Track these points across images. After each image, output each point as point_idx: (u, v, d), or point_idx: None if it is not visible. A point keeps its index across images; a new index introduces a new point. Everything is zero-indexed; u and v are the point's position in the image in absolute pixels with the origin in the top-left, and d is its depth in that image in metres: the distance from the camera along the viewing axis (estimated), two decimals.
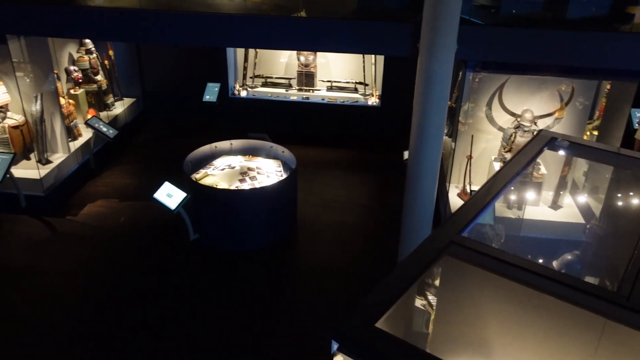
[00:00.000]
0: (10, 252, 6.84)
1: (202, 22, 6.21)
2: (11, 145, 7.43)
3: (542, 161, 6.85)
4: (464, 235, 2.67)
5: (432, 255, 2.51)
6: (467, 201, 3.05)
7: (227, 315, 5.92)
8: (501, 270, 2.50)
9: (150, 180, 8.19)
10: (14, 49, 7.11)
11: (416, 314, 3.30)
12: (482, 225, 5.35)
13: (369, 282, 6.32)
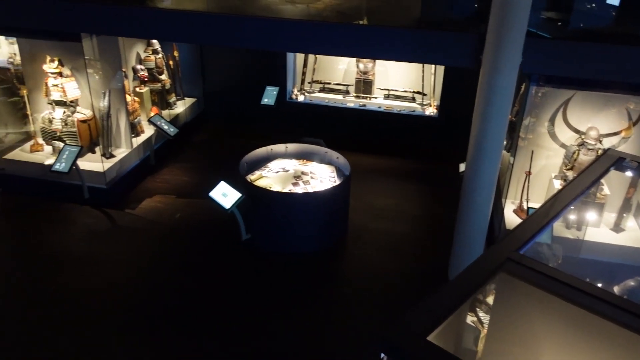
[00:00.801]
0: (72, 240, 7.16)
1: (264, 26, 6.33)
2: (79, 139, 7.78)
3: (606, 181, 6.59)
4: (521, 253, 2.61)
5: (488, 271, 2.46)
6: (526, 218, 2.98)
7: (273, 316, 5.98)
8: (559, 291, 2.42)
9: (206, 178, 8.38)
10: (87, 47, 7.44)
11: (466, 330, 3.24)
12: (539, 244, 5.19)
13: (418, 293, 6.27)
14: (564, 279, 2.45)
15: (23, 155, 8.11)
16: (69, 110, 7.75)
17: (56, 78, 7.58)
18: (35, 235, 7.24)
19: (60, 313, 5.93)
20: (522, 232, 2.80)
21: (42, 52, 7.61)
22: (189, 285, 6.43)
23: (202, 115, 10.59)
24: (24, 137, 8.49)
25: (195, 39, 7.45)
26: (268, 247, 7.01)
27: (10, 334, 5.65)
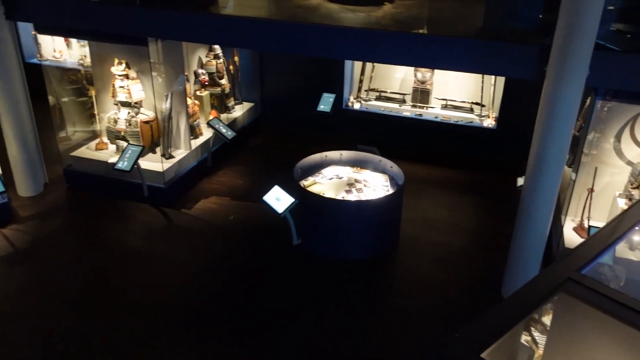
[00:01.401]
0: (130, 236, 7.42)
1: (324, 34, 6.38)
2: (141, 139, 8.06)
3: None
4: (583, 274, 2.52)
5: (546, 289, 2.38)
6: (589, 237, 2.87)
7: (320, 321, 5.99)
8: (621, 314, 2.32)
9: (261, 182, 8.51)
10: (152, 51, 7.71)
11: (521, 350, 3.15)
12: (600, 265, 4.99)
13: (469, 308, 6.14)
14: (626, 302, 2.35)
15: (89, 153, 8.48)
16: (133, 111, 8.05)
17: (123, 80, 7.89)
18: (97, 229, 7.55)
19: (114, 306, 6.15)
20: (584, 251, 2.70)
21: (111, 54, 7.94)
22: (239, 285, 6.54)
23: (259, 119, 10.77)
24: (90, 136, 8.89)
25: (256, 45, 7.60)
26: (318, 253, 7.04)
27: (65, 323, 5.91)
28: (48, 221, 7.66)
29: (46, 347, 5.61)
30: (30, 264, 6.84)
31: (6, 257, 6.91)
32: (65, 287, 6.45)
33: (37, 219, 7.67)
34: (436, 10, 7.33)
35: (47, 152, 8.62)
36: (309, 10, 7.50)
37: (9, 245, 7.12)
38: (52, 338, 5.71)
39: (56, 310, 6.08)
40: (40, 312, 6.07)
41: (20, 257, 6.95)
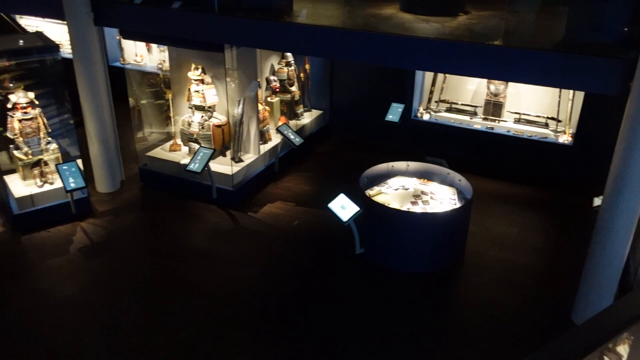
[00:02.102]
0: (198, 235, 7.65)
1: (396, 43, 6.35)
2: (212, 142, 8.31)
3: None
4: None
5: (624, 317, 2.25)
6: None
7: (376, 332, 5.93)
8: None
9: (326, 189, 8.56)
10: (227, 57, 7.94)
11: None
12: None
13: (537, 331, 5.90)
14: None
15: (163, 154, 8.82)
16: (207, 115, 8.32)
17: (198, 85, 8.18)
18: (167, 227, 7.83)
19: (179, 302, 6.35)
20: None
21: (188, 60, 8.25)
22: (300, 290, 6.59)
23: (326, 127, 10.84)
24: (165, 137, 9.26)
25: (328, 54, 7.67)
26: (381, 263, 6.98)
27: (132, 316, 6.15)
28: (123, 217, 8.03)
29: (112, 338, 5.87)
30: (104, 256, 7.19)
31: (83, 248, 7.30)
32: (134, 281, 6.73)
33: (112, 215, 8.05)
34: (514, 22, 7.13)
35: (125, 151, 9.06)
36: (382, 19, 7.50)
37: (86, 238, 7.52)
38: (119, 329, 5.96)
39: (125, 303, 6.36)
40: (110, 303, 6.36)
41: (95, 250, 7.32)
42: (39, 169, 7.77)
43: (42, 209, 7.68)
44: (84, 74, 7.83)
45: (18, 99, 7.43)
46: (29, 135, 7.61)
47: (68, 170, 7.49)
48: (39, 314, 6.15)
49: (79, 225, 7.77)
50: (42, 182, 7.79)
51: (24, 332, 5.90)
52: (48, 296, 6.43)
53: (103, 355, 5.65)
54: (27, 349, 5.67)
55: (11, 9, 9.92)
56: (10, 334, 5.88)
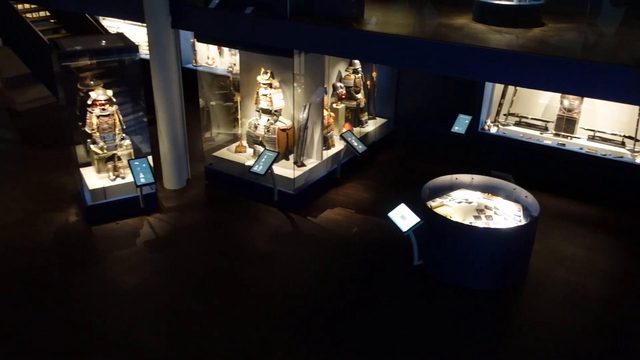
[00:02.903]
0: (258, 237, 7.77)
1: (466, 54, 6.24)
2: (277, 145, 8.44)
3: None
4: None
5: None
6: None
7: (433, 348, 5.82)
8: None
9: (387, 198, 8.51)
10: (296, 62, 8.05)
11: None
12: None
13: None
14: None
15: (228, 155, 9.04)
16: (272, 119, 8.46)
17: (266, 88, 8.34)
18: (229, 226, 8.01)
19: (235, 301, 6.47)
20: None
21: (258, 64, 8.43)
22: (354, 297, 6.56)
23: (390, 136, 10.78)
24: (231, 139, 9.49)
25: (396, 63, 7.63)
26: (439, 277, 6.86)
27: (190, 310, 6.32)
28: (187, 214, 8.29)
29: (170, 331, 6.04)
30: (167, 250, 7.44)
31: (148, 242, 7.58)
32: (195, 276, 6.92)
33: (178, 211, 8.32)
34: (593, 36, 6.85)
35: (193, 150, 9.36)
36: (453, 29, 7.40)
37: (152, 232, 7.80)
38: (177, 323, 6.14)
39: (184, 297, 6.55)
40: (170, 296, 6.56)
41: (160, 244, 7.58)
42: (112, 163, 8.14)
43: (112, 202, 8.05)
44: (159, 74, 8.16)
45: (97, 96, 7.82)
46: (105, 131, 8.00)
47: (139, 166, 7.81)
48: (103, 302, 6.44)
49: (146, 219, 8.08)
50: (115, 176, 8.16)
51: (88, 318, 6.19)
52: (113, 285, 6.71)
53: (160, 347, 5.83)
54: (88, 336, 5.94)
55: (96, 11, 10.48)
56: (74, 319, 6.18)
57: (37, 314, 6.23)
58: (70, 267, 7.05)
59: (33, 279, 6.80)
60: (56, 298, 6.49)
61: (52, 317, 6.18)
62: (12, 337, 5.89)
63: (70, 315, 6.22)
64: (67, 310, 6.31)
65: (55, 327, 6.04)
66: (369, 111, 10.40)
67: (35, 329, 6.00)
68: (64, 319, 6.17)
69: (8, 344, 5.80)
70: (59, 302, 6.43)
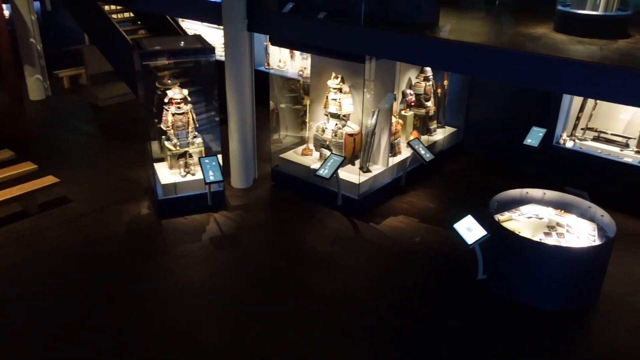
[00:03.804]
0: (320, 240, 7.81)
1: (544, 64, 6.02)
2: (343, 150, 8.46)
3: None
4: None
5: None
6: None
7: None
8: None
9: (452, 209, 8.35)
10: (367, 68, 8.04)
11: None
12: None
13: None
14: None
15: (295, 157, 9.15)
16: (340, 123, 8.48)
17: (336, 93, 8.38)
18: (291, 227, 8.10)
19: (291, 302, 6.52)
20: None
21: (329, 68, 8.48)
22: (412, 308, 6.46)
23: (459, 145, 10.57)
24: (298, 141, 9.60)
25: (469, 71, 7.46)
26: (503, 293, 6.64)
27: (251, 307, 6.42)
28: (252, 213, 8.45)
29: (228, 326, 6.16)
30: (232, 248, 7.61)
31: (214, 238, 7.78)
32: (256, 275, 7.03)
33: (243, 210, 8.50)
34: None
35: (260, 151, 9.53)
36: (531, 39, 7.16)
37: (218, 229, 8.01)
38: (236, 319, 6.26)
39: (245, 294, 6.67)
40: (232, 293, 6.70)
41: (225, 241, 7.77)
42: (184, 160, 8.43)
43: (182, 197, 8.32)
44: (233, 75, 8.38)
45: (174, 95, 8.13)
46: (179, 129, 8.29)
47: (209, 163, 8.04)
48: (167, 294, 6.66)
49: (213, 216, 8.30)
50: (185, 173, 8.44)
51: (151, 308, 6.42)
52: (177, 278, 6.94)
53: (219, 341, 5.96)
54: (150, 325, 6.16)
55: (177, 13, 10.91)
56: (138, 308, 6.43)
57: (106, 298, 6.53)
58: (140, 257, 7.35)
59: (105, 266, 7.15)
60: (125, 286, 6.78)
61: (120, 303, 6.46)
62: (84, 317, 6.20)
63: (137, 303, 6.48)
64: (135, 297, 6.58)
65: (122, 312, 6.31)
66: (438, 119, 10.24)
67: (104, 312, 6.29)
68: (132, 305, 6.44)
69: (79, 323, 6.12)
70: (128, 289, 6.71)
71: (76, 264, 7.17)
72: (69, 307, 6.39)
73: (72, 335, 5.96)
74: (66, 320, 6.17)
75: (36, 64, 12.72)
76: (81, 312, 6.31)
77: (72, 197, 8.74)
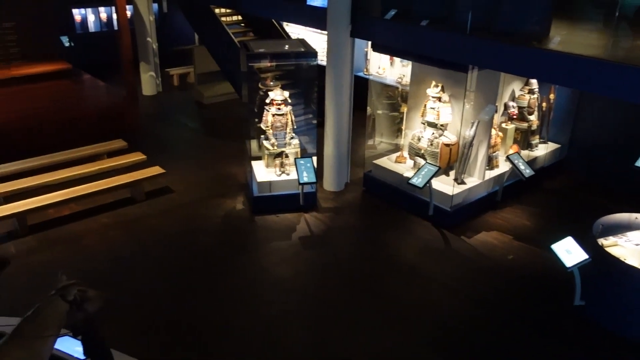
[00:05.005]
0: (408, 249, 7.74)
1: None
2: (439, 160, 8.33)
3: None
4: None
5: None
6: None
7: None
8: None
9: (550, 229, 7.97)
10: (469, 78, 7.86)
11: None
12: None
13: None
14: None
15: (388, 164, 9.13)
16: (437, 133, 8.36)
17: (435, 102, 8.27)
18: (379, 234, 8.09)
19: (375, 308, 6.50)
20: None
21: (429, 77, 8.39)
22: (504, 329, 6.23)
23: (561, 163, 10.06)
24: (392, 148, 9.57)
25: (580, 85, 7.10)
26: (603, 323, 6.23)
27: (335, 309, 6.48)
28: (341, 216, 8.53)
29: (312, 324, 6.27)
30: (320, 249, 7.73)
31: (304, 238, 7.95)
32: (342, 278, 7.10)
33: (334, 212, 8.61)
34: None
35: (354, 156, 9.61)
36: None
37: (308, 229, 8.16)
38: (320, 319, 6.35)
39: (330, 295, 6.74)
40: (317, 293, 6.80)
41: (314, 241, 7.91)
42: (280, 159, 8.68)
43: (276, 196, 8.57)
44: (333, 80, 8.51)
45: (275, 96, 8.39)
46: (278, 129, 8.55)
47: (304, 165, 8.22)
48: (256, 288, 6.89)
49: (304, 216, 8.47)
50: (281, 172, 8.68)
51: (241, 300, 6.67)
52: (266, 273, 7.15)
53: (303, 341, 6.07)
54: (240, 317, 6.40)
55: (283, 17, 11.26)
56: (229, 300, 6.69)
57: (199, 286, 6.86)
58: (233, 250, 7.65)
59: (200, 255, 7.51)
60: (217, 276, 7.08)
61: (212, 293, 6.77)
62: (176, 303, 6.56)
63: (228, 294, 6.75)
64: (226, 288, 6.85)
65: (213, 302, 6.60)
66: (540, 134, 9.81)
67: (196, 300, 6.61)
68: (223, 296, 6.71)
69: (171, 308, 6.48)
70: (220, 280, 7.01)
71: (174, 252, 7.59)
72: (163, 291, 6.78)
73: (163, 320, 6.32)
74: (159, 305, 6.55)
75: (151, 62, 13.62)
76: (173, 298, 6.68)
77: (174, 187, 9.27)
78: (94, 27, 16.19)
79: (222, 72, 12.42)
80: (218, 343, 5.97)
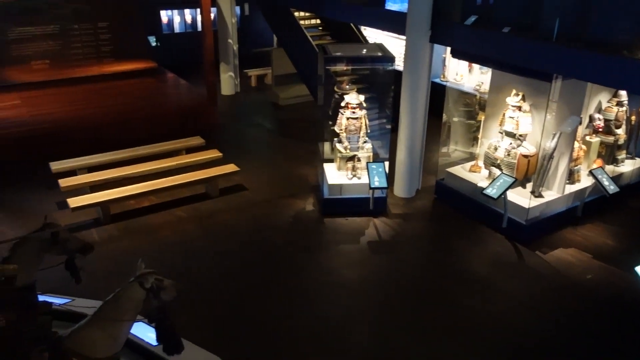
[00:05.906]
0: (478, 261, 7.53)
1: None
2: (515, 171, 8.05)
3: None
4: None
5: None
6: None
7: None
8: None
9: (633, 249, 7.54)
10: (553, 87, 7.54)
11: None
12: None
13: None
14: None
15: (462, 172, 8.92)
16: (515, 143, 8.09)
17: (514, 111, 8.01)
18: (448, 243, 7.93)
19: (440, 319, 6.36)
20: None
21: (510, 85, 8.13)
22: (577, 349, 5.93)
23: None
24: (467, 157, 9.35)
25: None
26: None
27: (398, 319, 6.40)
28: (411, 223, 8.43)
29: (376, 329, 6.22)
30: (387, 254, 7.67)
31: (372, 243, 7.91)
32: (408, 285, 7.01)
33: (403, 219, 8.52)
34: None
35: (427, 163, 9.47)
36: None
37: (376, 234, 8.12)
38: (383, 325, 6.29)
39: (395, 301, 6.68)
40: (382, 298, 6.76)
41: (381, 246, 7.86)
42: (352, 163, 8.69)
43: (346, 199, 8.59)
44: (409, 86, 8.43)
45: (351, 100, 8.42)
46: (352, 133, 8.57)
47: (376, 169, 8.20)
48: (322, 289, 6.93)
49: (373, 220, 8.44)
50: (352, 175, 8.69)
51: (304, 298, 6.73)
52: (332, 275, 7.18)
53: (366, 345, 6.03)
54: (304, 315, 6.45)
55: (361, 22, 11.27)
56: (294, 298, 6.76)
57: (266, 283, 6.98)
58: (301, 249, 7.74)
59: (269, 253, 7.65)
60: (284, 274, 7.19)
61: (278, 290, 6.87)
62: (242, 298, 6.71)
63: (294, 293, 6.83)
64: (292, 287, 6.94)
65: (280, 300, 6.69)
66: (628, 149, 9.27)
67: (262, 297, 6.73)
68: (290, 295, 6.80)
69: (237, 303, 6.63)
70: (287, 278, 7.11)
71: (244, 248, 7.77)
72: (232, 286, 6.95)
73: (231, 314, 6.48)
74: (225, 299, 6.71)
75: (231, 63, 14.03)
76: (241, 292, 6.83)
77: (248, 185, 9.49)
78: (179, 28, 16.89)
79: (298, 74, 12.61)
80: (282, 339, 6.06)
